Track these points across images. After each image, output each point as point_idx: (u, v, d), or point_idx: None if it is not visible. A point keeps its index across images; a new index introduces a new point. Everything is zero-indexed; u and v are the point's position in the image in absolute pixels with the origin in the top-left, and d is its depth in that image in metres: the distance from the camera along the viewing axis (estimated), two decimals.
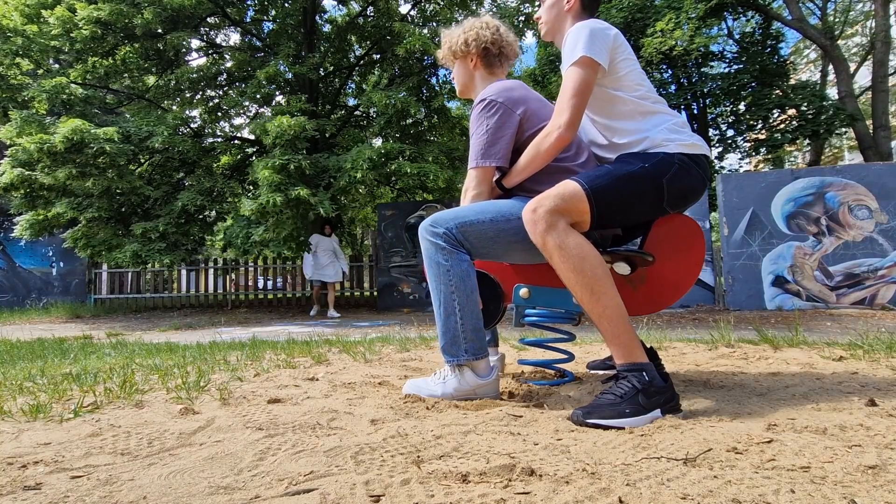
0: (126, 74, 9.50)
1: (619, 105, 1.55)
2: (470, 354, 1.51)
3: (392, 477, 0.93)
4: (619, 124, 1.56)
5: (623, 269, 1.61)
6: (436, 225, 1.53)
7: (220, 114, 10.88)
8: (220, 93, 10.53)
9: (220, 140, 10.15)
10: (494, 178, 1.68)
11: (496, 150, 1.58)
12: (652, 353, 1.74)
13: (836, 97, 10.15)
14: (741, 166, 14.00)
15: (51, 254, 10.76)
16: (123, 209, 8.28)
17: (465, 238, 1.52)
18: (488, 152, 1.58)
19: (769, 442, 1.05)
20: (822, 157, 14.45)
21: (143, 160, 9.09)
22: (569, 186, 1.44)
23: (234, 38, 12.53)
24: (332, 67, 10.77)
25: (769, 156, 11.88)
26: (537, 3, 1.79)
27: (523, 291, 1.69)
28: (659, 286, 1.64)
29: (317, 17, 10.46)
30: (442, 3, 10.13)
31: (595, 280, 1.36)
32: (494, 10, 11.04)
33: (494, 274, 1.79)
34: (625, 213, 1.50)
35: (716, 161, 12.84)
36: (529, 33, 9.75)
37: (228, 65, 10.26)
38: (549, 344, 1.97)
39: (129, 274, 11.58)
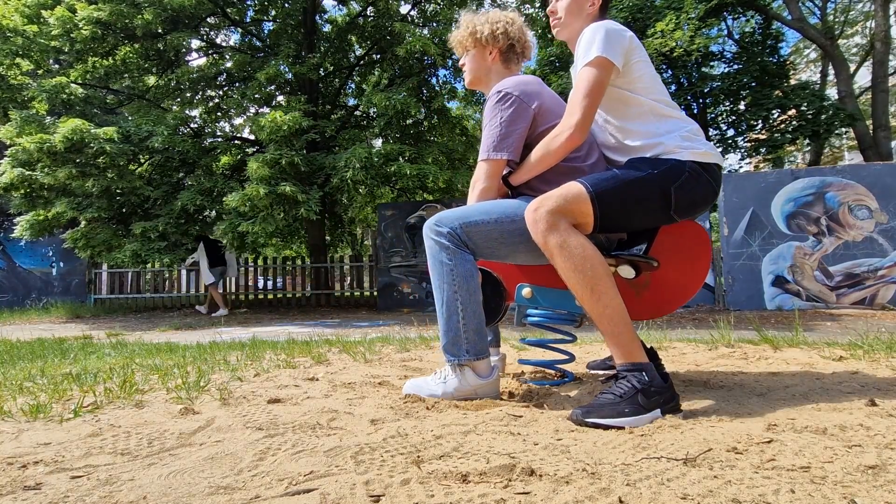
0: (126, 74, 9.50)
1: (633, 107, 1.54)
2: (471, 354, 1.51)
3: (392, 477, 0.93)
4: (632, 126, 1.54)
5: (627, 272, 1.60)
6: (440, 224, 1.53)
7: (220, 114, 10.89)
8: (221, 93, 10.54)
9: (220, 140, 10.15)
10: (503, 174, 1.67)
11: (508, 143, 1.56)
12: (652, 354, 1.74)
13: (836, 97, 10.14)
14: (741, 166, 14.00)
15: (51, 254, 10.76)
16: (123, 209, 8.28)
17: (470, 238, 1.52)
18: (501, 145, 1.56)
19: (769, 442, 1.05)
20: (822, 157, 14.45)
21: (143, 160, 9.09)
22: (573, 188, 1.43)
23: (234, 38, 12.53)
24: (332, 67, 10.77)
25: (769, 156, 11.86)
26: None
27: (526, 291, 1.68)
28: (662, 292, 1.64)
29: (317, 17, 10.46)
30: (442, 2, 10.13)
31: (596, 280, 1.35)
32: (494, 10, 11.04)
33: (498, 272, 1.79)
34: (629, 217, 1.49)
35: None
36: (530, 34, 9.76)
37: (228, 65, 10.26)
38: (551, 344, 1.97)
39: (129, 274, 11.58)
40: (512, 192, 1.68)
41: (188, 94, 10.19)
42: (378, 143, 11.22)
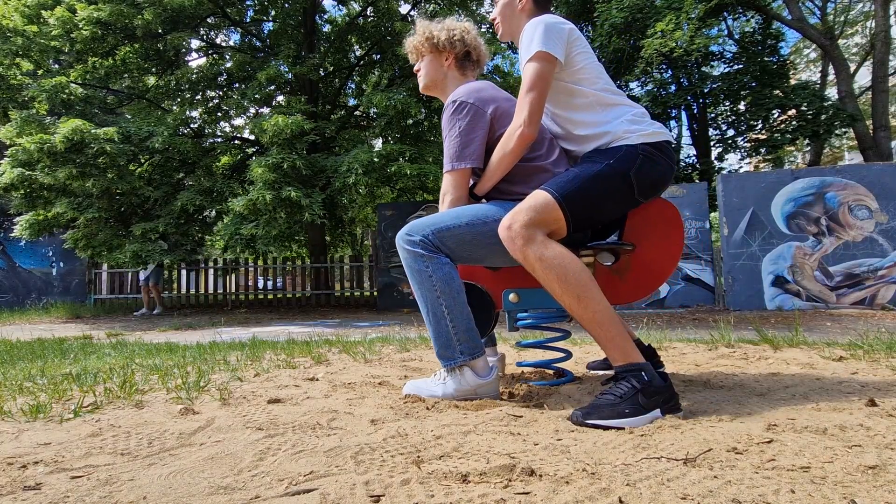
0: (126, 75, 9.51)
1: (578, 98, 1.56)
2: (466, 355, 1.50)
3: (392, 477, 0.93)
4: (579, 117, 1.57)
5: (607, 258, 1.63)
6: (412, 233, 1.52)
7: (220, 114, 10.89)
8: (220, 93, 10.54)
9: (220, 140, 10.16)
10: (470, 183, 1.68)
11: (470, 151, 1.58)
12: (650, 352, 1.74)
13: (836, 97, 10.14)
14: (741, 166, 14.00)
15: (51, 254, 10.76)
16: (123, 209, 8.29)
17: (443, 243, 1.52)
18: (462, 154, 1.58)
19: (769, 442, 1.05)
20: (822, 157, 14.45)
21: (143, 160, 9.10)
22: (539, 197, 1.44)
23: (234, 38, 12.54)
24: (332, 68, 10.78)
25: (769, 156, 11.85)
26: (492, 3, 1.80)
27: (512, 296, 1.69)
28: (645, 271, 1.66)
29: (317, 18, 10.47)
30: (442, 3, 10.13)
31: (580, 287, 1.36)
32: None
33: (481, 282, 1.80)
34: (599, 212, 1.52)
35: (716, 161, 12.83)
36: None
37: (228, 65, 10.27)
38: (546, 344, 1.97)
39: (129, 274, 11.58)
40: (479, 202, 1.69)
41: (188, 95, 10.20)
42: (378, 143, 11.23)
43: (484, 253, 1.57)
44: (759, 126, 11.35)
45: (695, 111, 12.71)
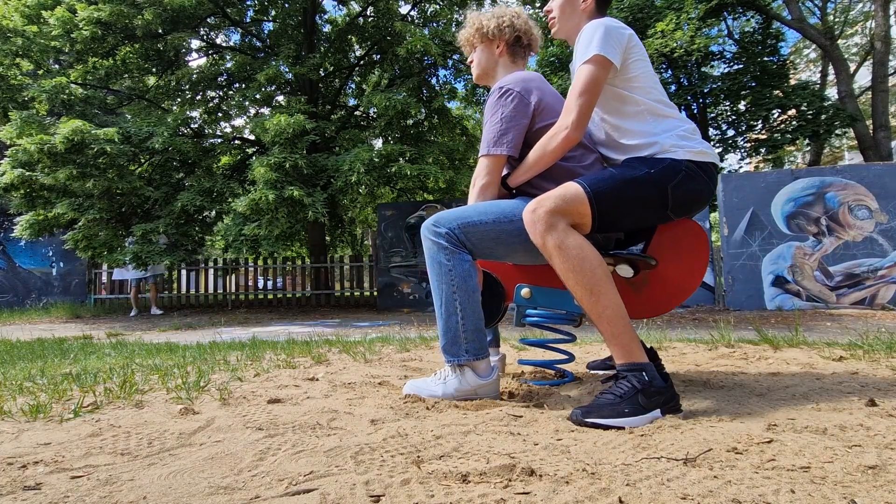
0: (126, 75, 9.51)
1: (629, 105, 1.53)
2: (471, 354, 1.51)
3: (392, 477, 0.93)
4: (628, 125, 1.54)
5: (626, 271, 1.61)
6: (438, 225, 1.53)
7: (220, 114, 10.89)
8: (221, 93, 10.54)
9: (220, 141, 10.15)
10: (503, 174, 1.68)
11: (508, 138, 1.57)
12: (652, 354, 1.74)
13: (836, 97, 10.15)
14: (741, 166, 14.00)
15: (51, 254, 10.75)
16: (123, 209, 8.28)
17: (468, 238, 1.52)
18: (500, 140, 1.58)
19: (769, 442, 1.05)
20: (822, 157, 14.45)
21: (143, 161, 9.10)
22: (570, 188, 1.43)
23: (234, 38, 12.54)
24: (332, 68, 10.77)
25: (769, 156, 11.85)
26: None
27: (525, 291, 1.68)
28: (661, 290, 1.64)
29: (317, 18, 10.47)
30: (442, 3, 10.13)
31: (594, 280, 1.35)
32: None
33: (496, 273, 1.79)
34: (627, 217, 1.49)
35: None
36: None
37: (229, 65, 10.26)
38: (550, 344, 1.97)
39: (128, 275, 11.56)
40: (510, 195, 1.68)
41: (188, 95, 10.20)
42: (378, 143, 11.23)
43: (506, 250, 1.58)
44: (759, 126, 11.35)
45: (695, 111, 12.70)
